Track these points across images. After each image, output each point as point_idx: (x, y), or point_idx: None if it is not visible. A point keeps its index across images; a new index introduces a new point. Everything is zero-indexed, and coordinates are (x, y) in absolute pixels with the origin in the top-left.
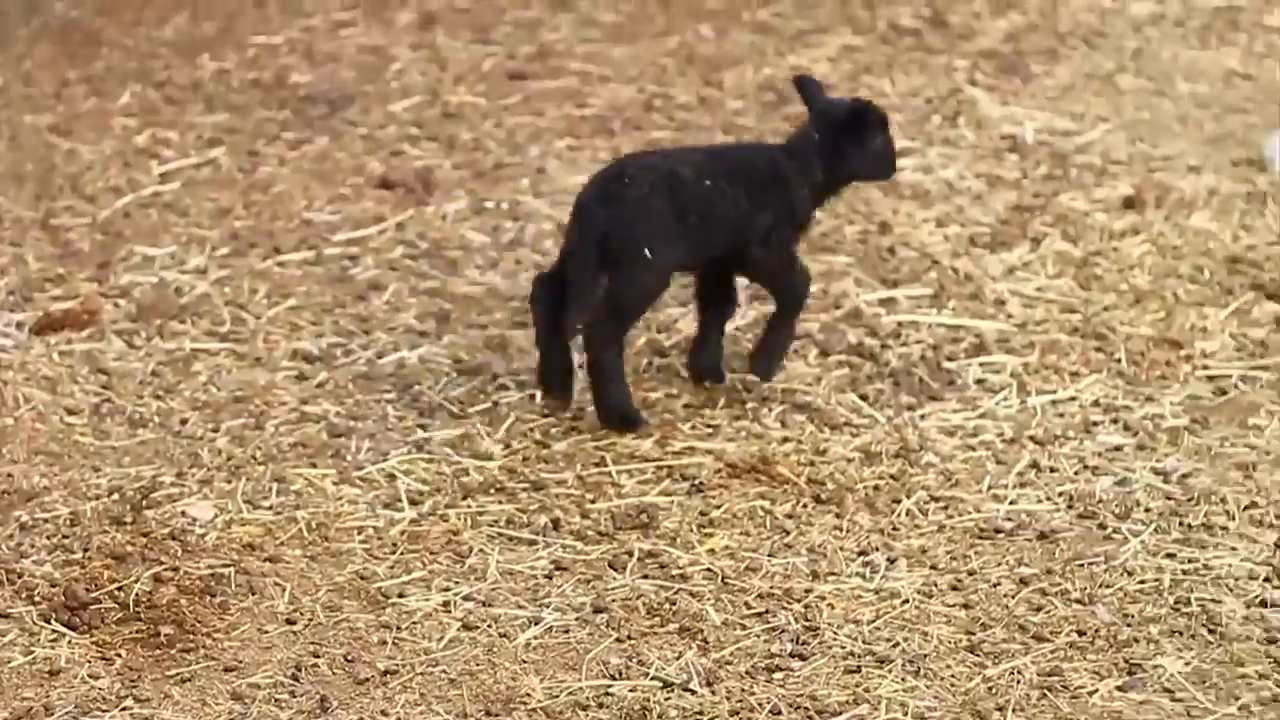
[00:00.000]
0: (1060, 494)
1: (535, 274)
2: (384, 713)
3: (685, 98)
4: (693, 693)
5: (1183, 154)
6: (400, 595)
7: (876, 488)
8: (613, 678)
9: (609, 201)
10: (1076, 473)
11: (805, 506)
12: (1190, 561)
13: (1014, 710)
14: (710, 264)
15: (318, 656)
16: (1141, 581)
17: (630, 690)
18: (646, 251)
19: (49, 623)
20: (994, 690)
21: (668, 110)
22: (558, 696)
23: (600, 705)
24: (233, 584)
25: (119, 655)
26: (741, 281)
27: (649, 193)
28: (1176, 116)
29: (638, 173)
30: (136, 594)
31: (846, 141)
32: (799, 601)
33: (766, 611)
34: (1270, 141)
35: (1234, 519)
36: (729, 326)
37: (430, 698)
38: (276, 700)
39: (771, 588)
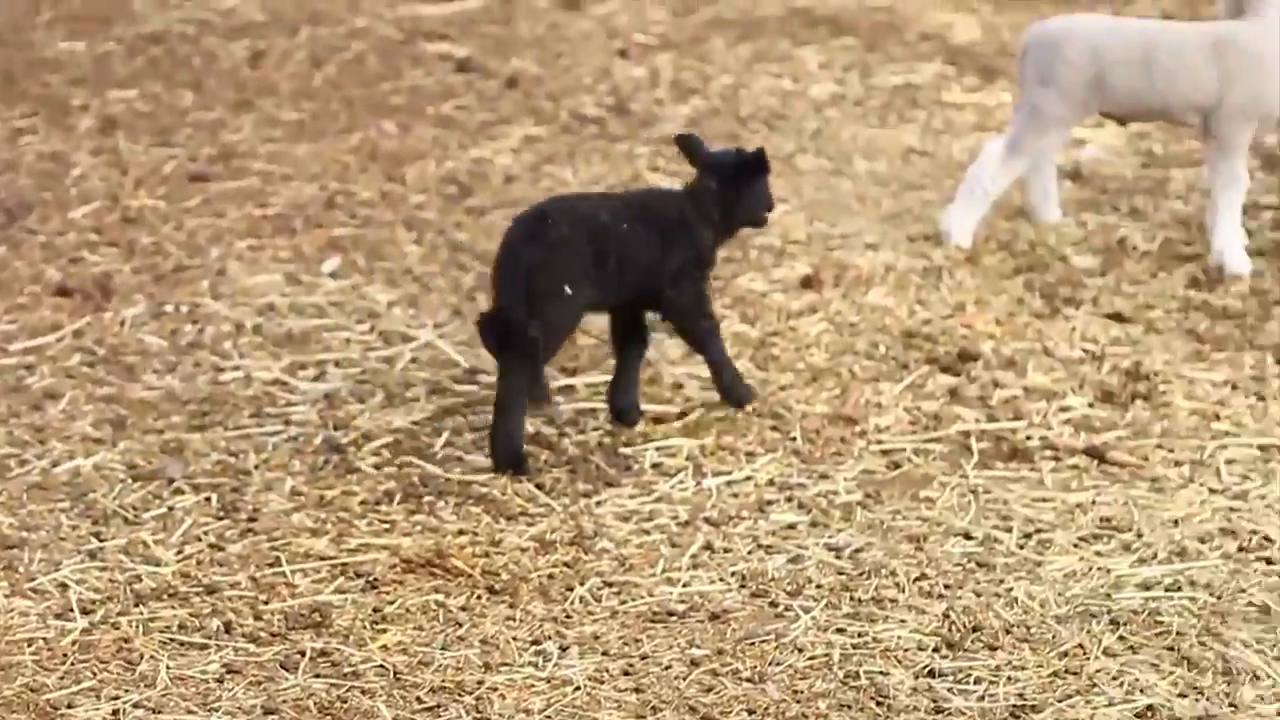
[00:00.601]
0: (733, 574)
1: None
2: None
3: (367, 194)
4: None
5: (861, 232)
6: (69, 706)
7: (551, 576)
8: None
9: (532, 241)
10: (750, 552)
11: (479, 598)
12: (860, 635)
13: None
14: (623, 305)
15: None
16: (811, 657)
17: None
18: (566, 289)
19: None
20: None
21: (349, 207)
22: None
23: None
24: None
25: None
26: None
27: (570, 233)
28: (855, 195)
29: (559, 215)
30: None
31: (742, 185)
32: (470, 694)
33: (438, 705)
34: (946, 215)
35: (904, 591)
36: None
37: None
38: None
39: (444, 681)
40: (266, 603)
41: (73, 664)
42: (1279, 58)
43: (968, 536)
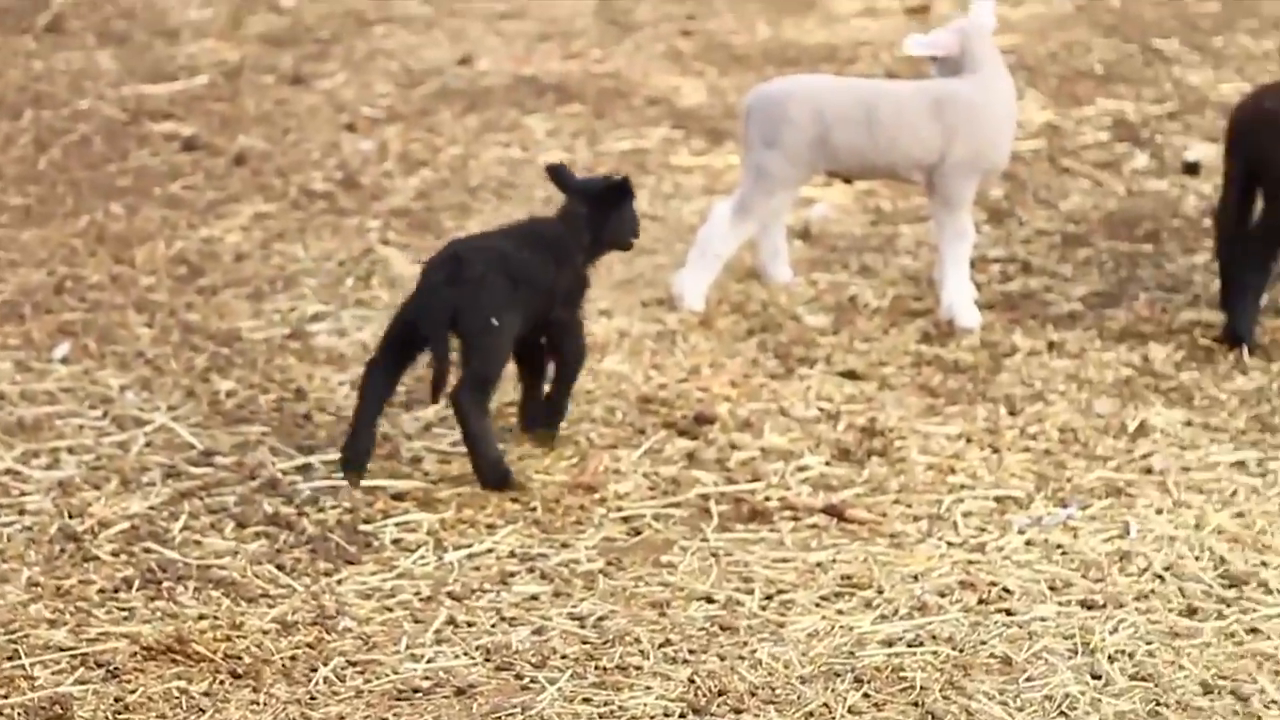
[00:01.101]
0: (478, 647)
1: (367, 359)
2: None
3: (97, 277)
4: None
5: (594, 298)
6: None
7: (294, 657)
8: None
9: (454, 283)
10: (494, 625)
11: (222, 683)
12: (606, 704)
13: None
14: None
15: None
16: None
17: None
18: (494, 321)
19: None
20: None
21: (79, 291)
22: None
23: None
24: None
25: None
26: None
27: (485, 271)
28: None
29: (472, 254)
30: None
31: (610, 210)
32: None
33: None
34: (678, 279)
35: (649, 658)
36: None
37: None
38: None
39: None
40: (6, 696)
41: None
42: (999, 112)
43: (710, 600)
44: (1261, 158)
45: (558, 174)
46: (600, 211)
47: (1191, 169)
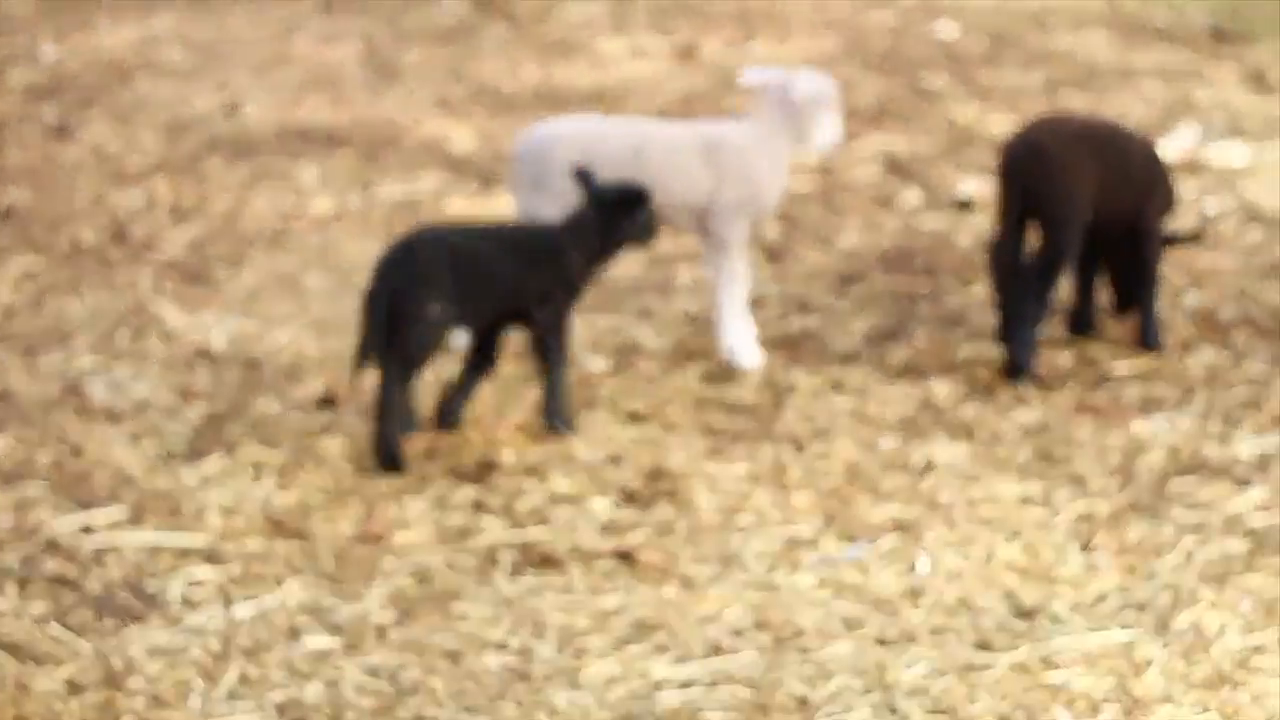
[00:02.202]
0: (272, 703)
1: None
2: None
3: None
4: None
5: None
6: None
7: (85, 719)
8: None
9: (400, 266)
10: (286, 680)
11: None
12: None
13: None
14: (488, 324)
15: None
16: None
17: None
18: (426, 309)
19: None
20: None
21: None
22: None
23: None
24: None
25: None
26: None
27: (430, 261)
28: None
29: (424, 244)
30: None
31: (620, 215)
32: None
33: None
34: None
35: (445, 708)
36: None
37: None
38: None
39: None
40: None
41: None
42: (769, 156)
43: (504, 648)
44: (1034, 191)
45: (582, 178)
46: (612, 215)
47: (964, 204)
